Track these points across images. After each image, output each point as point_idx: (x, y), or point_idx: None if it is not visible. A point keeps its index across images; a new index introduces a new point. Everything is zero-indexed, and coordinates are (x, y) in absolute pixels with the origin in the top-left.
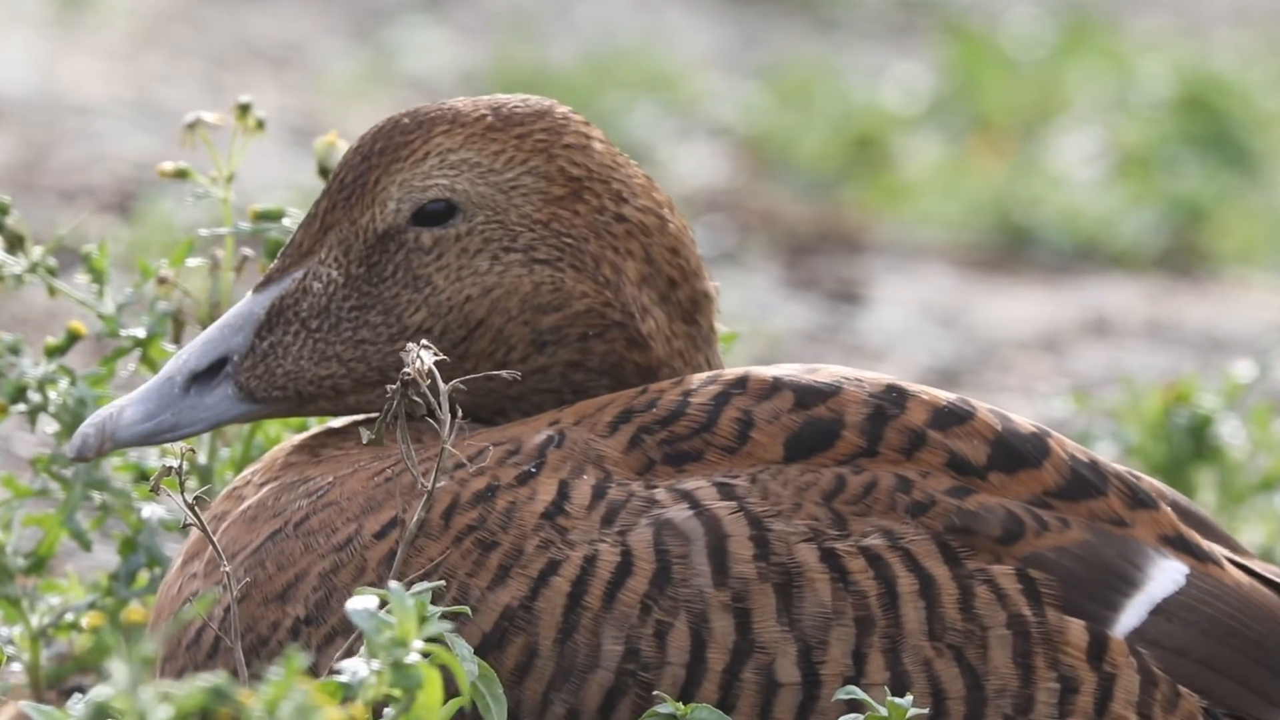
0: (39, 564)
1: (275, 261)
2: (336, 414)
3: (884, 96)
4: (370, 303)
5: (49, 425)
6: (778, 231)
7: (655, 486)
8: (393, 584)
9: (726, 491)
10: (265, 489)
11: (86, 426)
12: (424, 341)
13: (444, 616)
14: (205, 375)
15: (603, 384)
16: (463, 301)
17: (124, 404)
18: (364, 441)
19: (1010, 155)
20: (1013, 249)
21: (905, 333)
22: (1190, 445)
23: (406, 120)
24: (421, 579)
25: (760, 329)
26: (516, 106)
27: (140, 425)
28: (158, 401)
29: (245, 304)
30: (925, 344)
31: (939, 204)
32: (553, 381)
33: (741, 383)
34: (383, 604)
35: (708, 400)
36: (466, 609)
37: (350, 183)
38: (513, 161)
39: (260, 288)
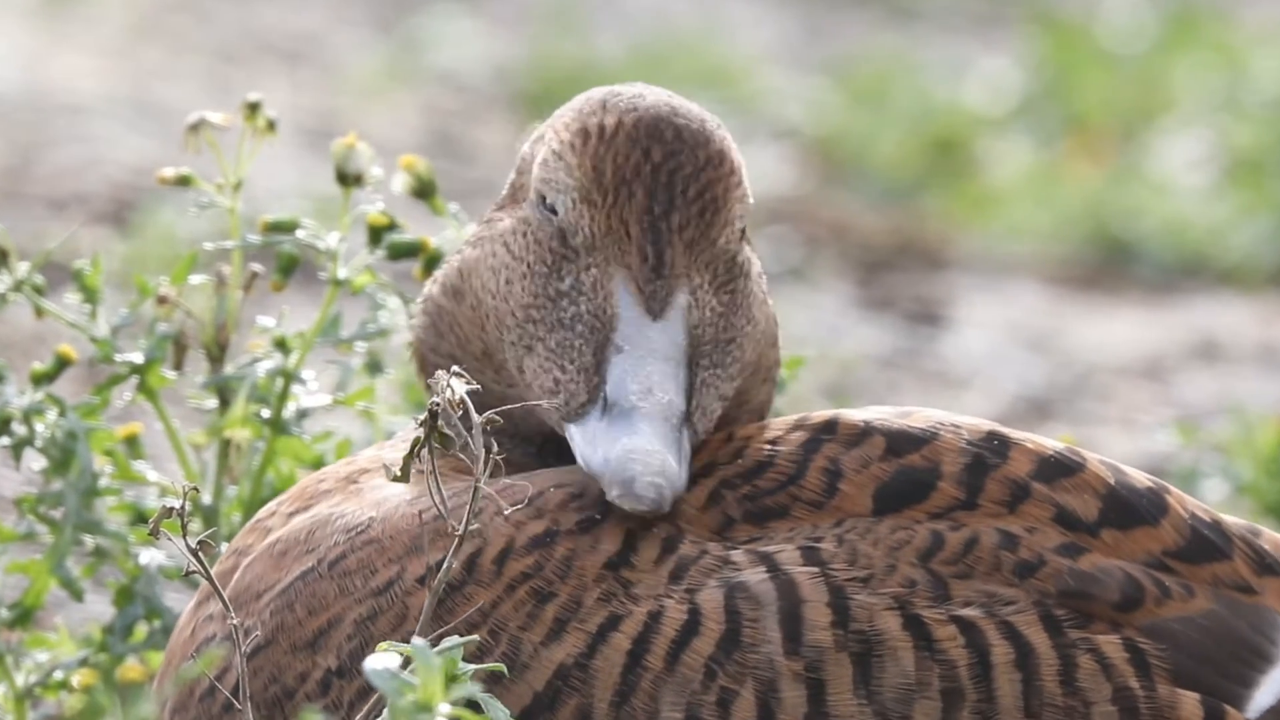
0: (25, 616)
1: (651, 283)
2: (501, 454)
3: (968, 95)
4: (733, 335)
5: (35, 461)
6: (849, 245)
7: (734, 547)
8: (416, 640)
9: (810, 556)
10: (296, 520)
11: (656, 476)
12: (455, 369)
13: (481, 674)
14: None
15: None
16: (761, 333)
17: (660, 449)
18: (389, 479)
19: (1108, 160)
20: (1111, 264)
21: (991, 358)
22: None
23: (688, 123)
24: (469, 631)
25: (830, 353)
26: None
27: (681, 477)
28: (675, 448)
29: (662, 331)
30: (1014, 370)
31: (1029, 214)
32: (743, 423)
33: (830, 427)
34: (409, 661)
35: (796, 449)
36: (503, 666)
37: (696, 196)
38: (745, 176)
39: (661, 313)
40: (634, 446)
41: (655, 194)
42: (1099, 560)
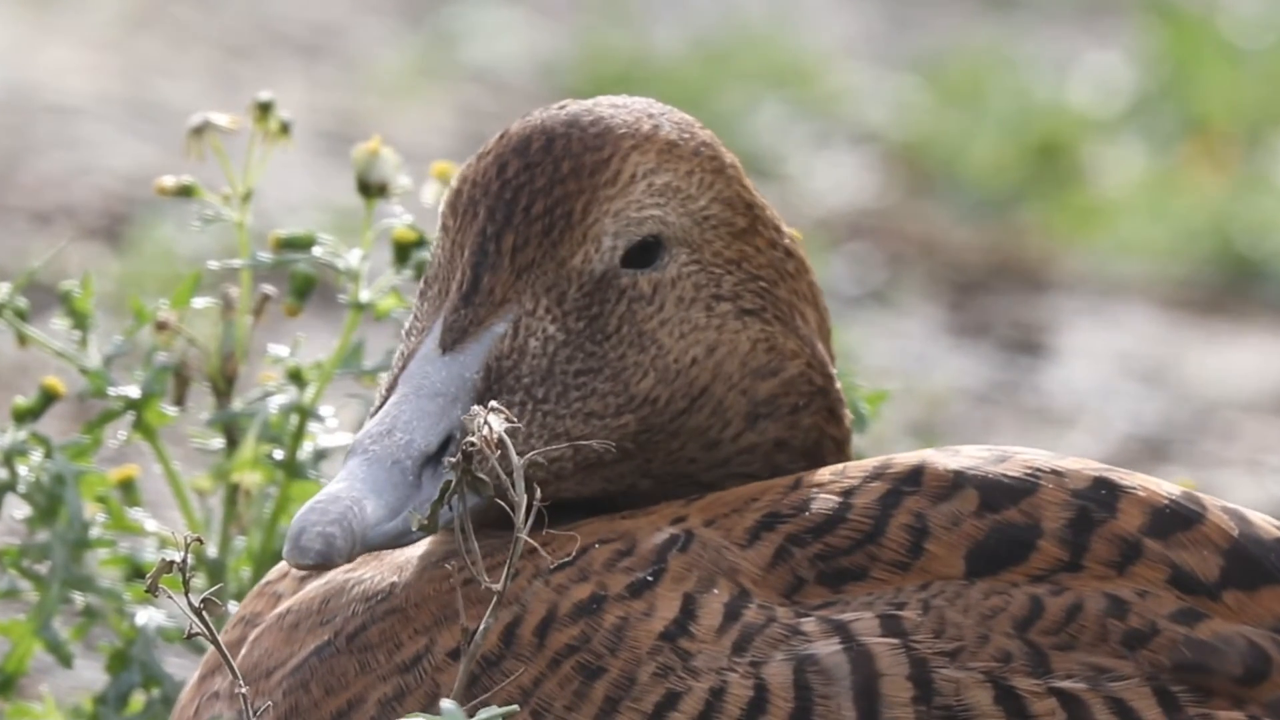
0: (8, 683)
1: (455, 311)
2: (545, 501)
3: (1073, 94)
4: (596, 366)
5: (18, 509)
6: (939, 264)
7: (805, 615)
8: (445, 703)
9: (891, 625)
10: (310, 587)
11: (328, 525)
12: (493, 404)
13: None
14: (432, 459)
15: (800, 466)
16: (689, 364)
17: (357, 496)
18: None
19: (1233, 168)
20: (1236, 286)
21: (1100, 392)
22: None
23: (577, 131)
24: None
25: (917, 386)
26: (665, 114)
27: (389, 524)
28: (394, 493)
29: (447, 365)
30: (1125, 406)
31: (1142, 229)
32: (754, 464)
33: (915, 478)
34: None
35: (873, 502)
36: None
37: (543, 213)
38: (703, 185)
39: (455, 345)
40: (326, 494)
41: (495, 212)
42: (1220, 627)
